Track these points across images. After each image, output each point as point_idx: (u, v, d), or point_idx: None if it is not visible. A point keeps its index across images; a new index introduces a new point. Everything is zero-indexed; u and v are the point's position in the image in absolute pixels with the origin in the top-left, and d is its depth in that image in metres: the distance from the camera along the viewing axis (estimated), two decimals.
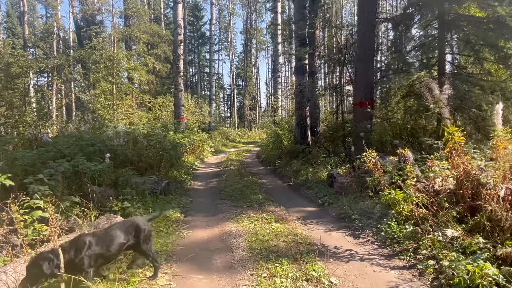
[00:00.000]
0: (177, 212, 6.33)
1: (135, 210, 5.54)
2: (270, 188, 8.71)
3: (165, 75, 27.15)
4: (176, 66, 17.40)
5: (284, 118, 22.39)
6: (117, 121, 15.60)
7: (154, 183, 7.55)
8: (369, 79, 8.72)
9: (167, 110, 21.75)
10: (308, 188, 8.29)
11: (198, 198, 7.81)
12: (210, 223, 5.89)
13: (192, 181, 9.99)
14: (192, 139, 15.06)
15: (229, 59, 47.28)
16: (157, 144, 8.69)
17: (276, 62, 23.07)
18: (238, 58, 52.06)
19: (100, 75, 17.88)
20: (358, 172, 6.30)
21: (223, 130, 31.32)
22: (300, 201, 7.32)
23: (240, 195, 7.80)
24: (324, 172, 9.38)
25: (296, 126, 12.74)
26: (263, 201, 7.09)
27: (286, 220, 5.76)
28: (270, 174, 11.36)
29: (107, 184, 6.47)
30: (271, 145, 15.92)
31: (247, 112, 43.09)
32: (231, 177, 10.08)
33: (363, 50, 8.70)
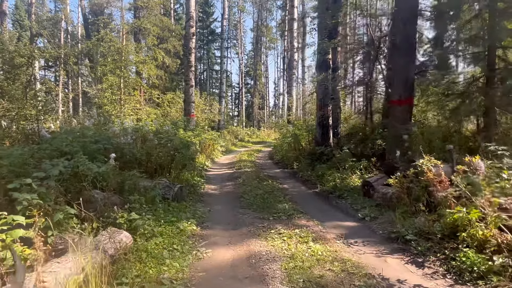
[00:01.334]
0: (192, 223, 5.36)
1: (144, 223, 4.57)
2: (294, 195, 7.71)
3: (174, 71, 26.26)
4: (187, 60, 16.48)
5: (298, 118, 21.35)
6: (124, 117, 14.74)
7: (165, 187, 6.60)
8: (409, 74, 7.67)
9: (176, 107, 20.85)
10: (339, 197, 7.28)
11: (215, 206, 6.83)
12: (233, 239, 4.91)
13: (205, 184, 9.02)
14: (204, 137, 14.13)
15: (238, 57, 46.36)
16: (168, 143, 7.74)
17: (292, 58, 22.05)
18: (247, 56, 51.19)
19: (107, 69, 17.03)
20: (409, 182, 5.27)
21: (232, 129, 30.39)
22: (334, 213, 6.31)
23: (262, 203, 6.81)
24: (354, 178, 8.37)
25: (317, 126, 11.71)
26: (292, 212, 6.09)
27: (325, 239, 4.76)
28: (290, 178, 10.36)
29: (111, 189, 5.52)
30: (286, 146, 14.91)
31: (256, 111, 42.17)
32: (248, 181, 9.09)
33: (404, 41, 7.66)
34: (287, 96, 23.13)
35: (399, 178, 5.35)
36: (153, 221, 4.97)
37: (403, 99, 7.64)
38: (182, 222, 5.25)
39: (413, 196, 5.31)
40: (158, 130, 9.28)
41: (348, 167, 8.87)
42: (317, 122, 11.76)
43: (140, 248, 4.13)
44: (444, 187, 4.59)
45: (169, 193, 6.52)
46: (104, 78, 17.53)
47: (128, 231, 4.40)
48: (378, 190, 6.29)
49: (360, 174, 8.58)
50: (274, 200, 7.04)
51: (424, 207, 5.17)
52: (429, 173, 4.79)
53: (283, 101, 47.17)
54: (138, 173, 6.56)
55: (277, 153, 16.34)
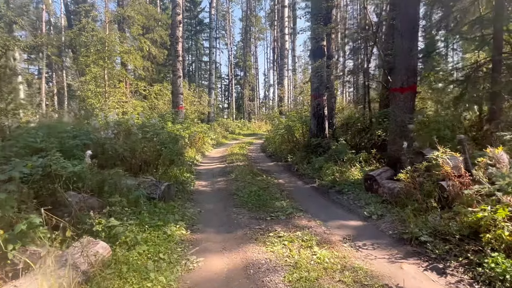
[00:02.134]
0: (181, 227, 4.79)
1: (125, 230, 3.99)
2: (291, 191, 7.20)
3: (161, 62, 25.38)
4: (174, 50, 15.74)
5: (290, 108, 20.80)
6: (109, 110, 14.01)
7: (151, 186, 6.02)
8: (412, 59, 7.16)
9: (164, 99, 20.09)
10: (340, 193, 6.79)
11: (206, 205, 6.27)
12: (227, 244, 4.37)
13: (195, 180, 8.45)
14: (193, 130, 13.49)
15: (227, 48, 45.50)
16: (154, 137, 7.13)
17: (283, 47, 21.37)
18: (236, 47, 50.33)
19: (90, 59, 16.18)
20: (421, 176, 4.78)
21: (223, 121, 29.74)
22: (336, 210, 5.81)
23: (258, 201, 6.28)
24: (354, 171, 7.90)
25: (312, 116, 11.19)
26: (290, 211, 5.57)
27: (330, 243, 4.25)
28: (284, 171, 9.84)
29: (89, 190, 4.91)
30: (279, 138, 14.38)
31: (247, 103, 41.53)
32: (241, 176, 8.55)
33: (406, 22, 7.14)
34: (279, 87, 22.53)
35: (410, 172, 4.85)
36: (136, 226, 4.40)
37: (406, 86, 7.14)
38: (170, 226, 4.68)
39: (424, 191, 4.84)
40: (144, 124, 8.63)
41: (347, 159, 8.40)
42: (312, 112, 11.23)
43: (120, 260, 3.56)
44: (465, 182, 4.10)
45: (155, 192, 5.94)
46: (87, 70, 16.71)
47: (106, 240, 3.83)
48: (383, 185, 5.80)
49: (360, 167, 8.11)
50: (270, 197, 6.51)
51: (436, 204, 4.70)
52: (446, 167, 4.31)
53: (273, 93, 46.60)
54: (121, 171, 5.97)
55: (269, 145, 15.83)
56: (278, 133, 14.37)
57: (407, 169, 4.95)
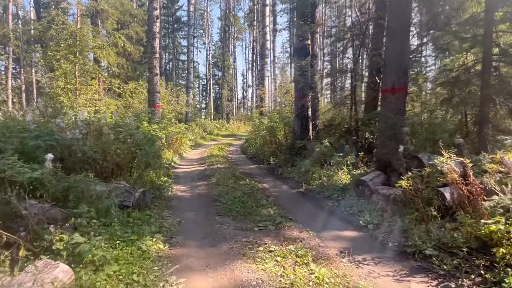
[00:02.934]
0: (158, 240, 4.22)
1: (91, 248, 3.39)
2: (278, 197, 6.74)
3: (137, 59, 24.37)
4: (151, 46, 14.97)
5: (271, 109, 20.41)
6: (79, 108, 13.12)
7: (124, 192, 5.40)
8: (404, 59, 6.89)
9: (139, 98, 19.22)
10: (329, 198, 6.40)
11: (186, 213, 5.71)
12: (211, 261, 3.84)
13: (173, 185, 7.86)
14: (171, 131, 12.84)
15: (205, 48, 44.74)
16: (128, 138, 6.48)
17: (264, 47, 20.95)
18: (214, 47, 49.62)
19: (60, 54, 15.18)
20: (423, 183, 4.43)
21: (201, 121, 29.05)
22: (328, 218, 5.39)
23: (243, 208, 5.78)
24: (341, 175, 7.54)
25: (296, 117, 10.81)
26: (279, 220, 5.11)
27: (327, 258, 3.82)
28: (268, 175, 9.39)
29: (50, 198, 4.27)
30: (260, 140, 13.93)
31: (225, 103, 40.95)
32: (223, 180, 8.02)
33: (398, 21, 6.86)
34: (259, 87, 22.11)
35: (412, 179, 4.49)
36: (106, 242, 3.81)
37: (397, 87, 6.85)
38: (145, 240, 4.11)
39: (424, 199, 4.49)
40: (117, 123, 7.93)
41: (334, 163, 8.04)
42: (295, 113, 10.85)
43: (85, 285, 2.98)
44: (476, 191, 3.77)
45: (129, 200, 5.33)
46: (56, 65, 15.70)
47: (69, 260, 3.24)
48: (377, 191, 5.44)
49: (347, 171, 7.77)
50: (256, 204, 6.03)
51: (436, 212, 4.38)
52: (453, 174, 3.97)
53: (252, 93, 46.22)
54: (89, 176, 5.32)
55: (250, 147, 15.37)
56: (259, 135, 13.91)
57: (409, 176, 4.59)
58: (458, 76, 7.39)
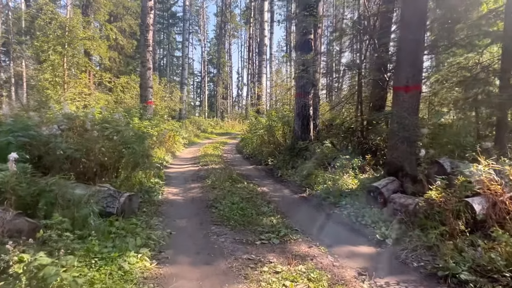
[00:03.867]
0: (144, 256, 3.58)
1: (58, 271, 2.74)
2: (279, 203, 6.12)
3: (130, 53, 23.54)
4: (144, 38, 14.26)
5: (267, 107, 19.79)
6: (65, 102, 12.39)
7: (107, 197, 4.75)
8: (419, 54, 6.33)
9: (131, 93, 18.43)
10: (336, 206, 5.80)
11: (178, 221, 5.07)
12: (207, 284, 3.21)
13: (164, 187, 7.22)
14: (163, 128, 12.17)
15: (200, 44, 44.02)
16: (115, 135, 5.81)
17: (262, 43, 20.30)
18: (210, 44, 48.84)
19: (47, 45, 14.39)
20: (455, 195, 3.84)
21: (195, 119, 28.36)
22: (338, 230, 4.79)
23: (242, 216, 5.15)
24: (347, 179, 6.96)
25: (296, 116, 10.20)
26: (284, 232, 4.49)
27: (345, 282, 3.22)
28: (267, 177, 8.77)
29: (17, 206, 3.61)
30: (257, 139, 13.32)
31: (220, 101, 40.28)
32: (218, 182, 7.39)
33: (413, 12, 6.28)
34: (257, 84, 21.49)
35: (442, 188, 3.91)
36: (80, 260, 3.16)
37: (411, 85, 6.27)
38: (129, 256, 3.46)
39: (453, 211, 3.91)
40: (105, 119, 7.25)
41: (338, 165, 7.45)
42: (296, 112, 10.24)
43: None
44: None
45: (112, 205, 4.68)
46: (43, 56, 14.90)
47: (31, 286, 2.60)
48: (393, 200, 4.86)
49: (353, 174, 7.19)
50: (256, 211, 5.41)
51: (464, 227, 3.81)
52: (495, 185, 3.40)
53: (247, 91, 45.60)
54: (71, 177, 4.67)
55: (246, 146, 14.74)
56: (256, 134, 13.30)
57: (437, 185, 4.01)
58: (474, 75, 6.84)
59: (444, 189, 3.91)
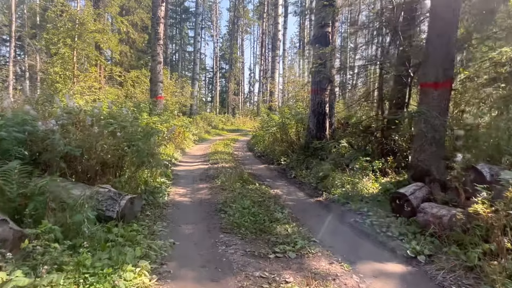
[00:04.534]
0: (144, 270, 3.16)
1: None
2: (294, 208, 5.64)
3: (141, 47, 23.28)
4: (155, 31, 13.86)
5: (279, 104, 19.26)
6: (74, 96, 12.12)
7: (107, 199, 4.34)
8: (450, 47, 5.74)
9: (142, 88, 18.14)
10: (357, 213, 5.29)
11: (183, 226, 4.65)
12: None
13: (171, 186, 6.82)
14: (173, 124, 11.79)
15: (213, 40, 43.65)
16: (118, 131, 5.40)
17: (275, 38, 19.70)
18: (222, 39, 48.42)
19: (57, 37, 14.15)
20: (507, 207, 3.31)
21: (206, 115, 28.02)
22: (361, 242, 4.29)
23: (253, 223, 4.69)
24: (368, 183, 6.44)
25: (311, 114, 9.69)
26: (301, 243, 4.00)
27: None
28: (279, 178, 8.30)
29: (4, 209, 3.22)
30: (269, 137, 12.84)
31: (232, 97, 39.87)
32: (228, 183, 6.95)
33: (445, 2, 5.70)
34: (269, 80, 20.93)
35: (489, 201, 3.38)
36: (67, 277, 2.75)
37: (441, 81, 5.72)
38: (126, 270, 3.03)
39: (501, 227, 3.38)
40: (110, 114, 6.86)
41: (357, 167, 6.93)
42: (311, 109, 9.72)
43: None
44: None
45: (112, 209, 4.27)
46: (52, 49, 14.67)
47: None
48: (423, 210, 4.33)
49: (374, 178, 6.66)
50: (269, 217, 4.94)
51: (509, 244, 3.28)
52: None
53: (258, 88, 45.12)
54: (68, 177, 4.28)
55: (257, 144, 14.29)
56: (268, 131, 12.80)
57: (484, 197, 3.47)
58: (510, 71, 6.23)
59: (490, 202, 3.37)
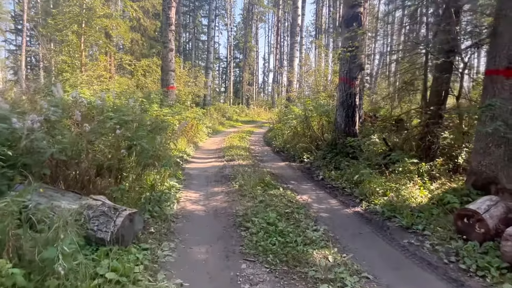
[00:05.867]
0: None
1: None
2: (329, 222, 4.62)
3: (154, 35, 22.31)
4: (166, 16, 12.90)
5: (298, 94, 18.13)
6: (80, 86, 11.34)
7: (99, 215, 3.43)
8: None
9: (153, 77, 17.28)
10: (409, 231, 4.25)
11: (195, 249, 3.71)
12: None
13: (182, 190, 5.91)
14: (185, 116, 10.91)
15: (226, 29, 42.50)
16: (118, 127, 4.47)
17: (294, 23, 18.44)
18: (236, 28, 47.13)
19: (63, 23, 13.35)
20: None
21: (220, 106, 27.09)
22: (422, 275, 3.26)
23: (283, 245, 3.71)
24: (414, 189, 5.38)
25: (340, 106, 8.59)
26: (349, 281, 3.01)
27: None
28: (305, 179, 7.28)
29: None
30: (289, 131, 11.81)
31: (246, 87, 38.82)
32: (248, 186, 5.98)
33: None
34: (288, 68, 19.78)
35: None
36: None
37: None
38: None
39: None
40: (115, 106, 5.96)
41: (401, 170, 5.87)
42: (339, 100, 8.62)
43: None
44: None
45: (106, 229, 3.36)
46: (59, 36, 13.92)
47: None
48: (510, 237, 3.26)
49: (421, 183, 5.60)
50: (302, 237, 3.94)
51: None
52: None
53: (273, 78, 43.85)
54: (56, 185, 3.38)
55: (275, 138, 13.27)
56: (288, 125, 11.76)
57: None
58: None
59: None
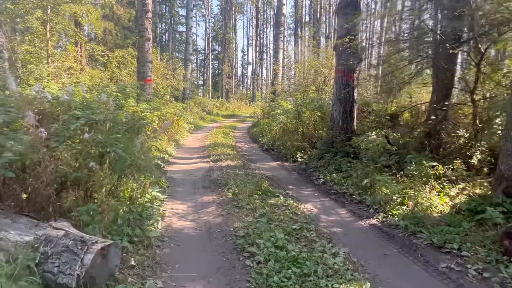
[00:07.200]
0: None
1: None
2: (345, 241, 3.89)
3: (128, 25, 20.90)
4: (142, 3, 11.79)
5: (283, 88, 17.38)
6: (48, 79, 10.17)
7: (62, 252, 2.55)
8: None
9: (129, 69, 16.06)
10: (442, 251, 3.57)
11: (189, 285, 2.89)
12: None
13: (166, 201, 5.05)
14: (165, 112, 9.95)
15: (204, 20, 41.25)
16: (86, 131, 3.55)
17: (279, 12, 17.54)
18: (214, 19, 45.86)
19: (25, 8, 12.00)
20: None
21: (199, 99, 26.10)
22: None
23: (301, 281, 2.94)
24: (432, 196, 4.74)
25: (337, 101, 7.89)
26: None
27: None
28: (304, 183, 6.54)
29: None
30: (278, 127, 11.04)
31: (226, 80, 37.83)
32: (243, 195, 5.18)
33: None
34: (273, 60, 18.98)
35: None
36: None
37: None
38: None
39: None
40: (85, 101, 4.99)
41: (416, 174, 5.22)
42: (336, 95, 7.92)
43: None
44: None
45: (70, 271, 2.49)
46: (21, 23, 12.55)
47: None
48: None
49: (439, 188, 4.97)
50: (320, 265, 3.19)
51: None
52: None
53: (252, 70, 43.04)
54: None
55: (262, 134, 12.52)
56: (277, 120, 10.98)
57: None
58: None
59: None
